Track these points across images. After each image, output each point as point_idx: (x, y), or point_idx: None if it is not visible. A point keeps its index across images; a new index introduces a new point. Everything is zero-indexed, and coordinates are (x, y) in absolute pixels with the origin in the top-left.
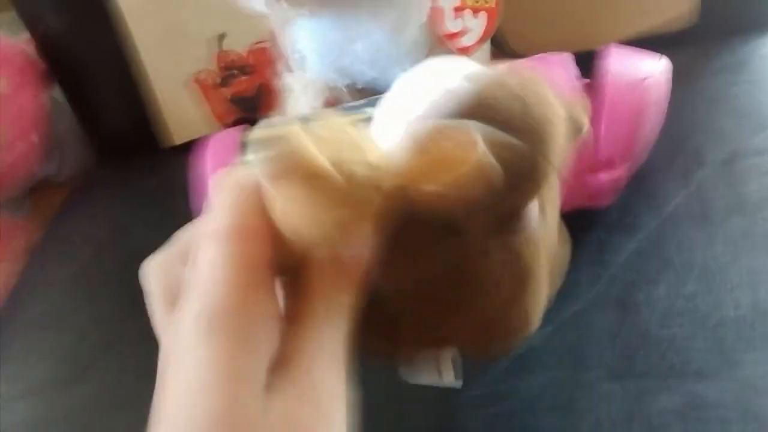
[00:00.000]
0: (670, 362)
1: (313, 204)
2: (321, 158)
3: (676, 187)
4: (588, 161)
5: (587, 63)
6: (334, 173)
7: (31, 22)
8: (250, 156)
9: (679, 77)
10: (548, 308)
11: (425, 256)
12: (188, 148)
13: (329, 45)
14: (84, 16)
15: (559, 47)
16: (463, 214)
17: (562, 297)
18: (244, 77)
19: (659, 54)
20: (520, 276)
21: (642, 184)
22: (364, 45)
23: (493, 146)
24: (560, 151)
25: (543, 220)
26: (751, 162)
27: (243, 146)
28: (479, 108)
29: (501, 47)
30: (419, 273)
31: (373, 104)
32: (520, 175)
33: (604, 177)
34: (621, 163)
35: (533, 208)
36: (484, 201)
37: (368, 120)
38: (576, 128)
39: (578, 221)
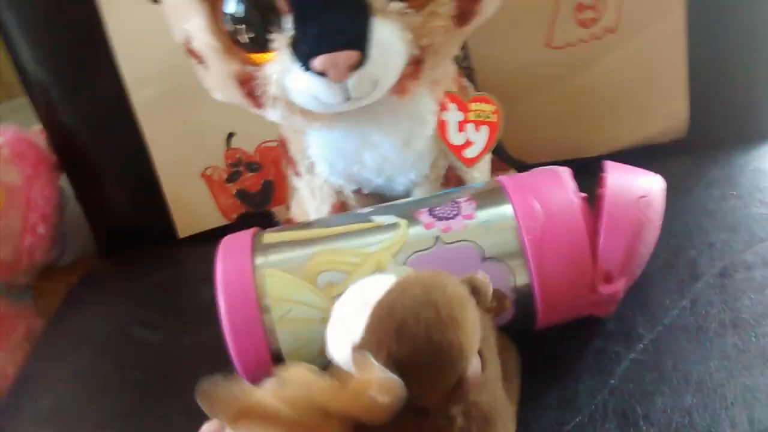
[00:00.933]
0: None
1: None
2: (273, 402)
3: (672, 300)
4: (587, 274)
5: (584, 172)
6: (287, 413)
7: (44, 112)
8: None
9: (671, 189)
10: (549, 420)
11: None
12: (192, 242)
13: (339, 154)
14: (98, 109)
15: (555, 154)
16: (415, 397)
17: (563, 407)
18: (250, 174)
19: (655, 172)
20: (485, 419)
21: (638, 295)
22: (372, 155)
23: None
24: (473, 328)
25: (490, 366)
26: (743, 276)
27: (254, 248)
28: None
29: (500, 154)
30: None
31: (378, 212)
32: (442, 365)
33: (603, 290)
34: (619, 277)
35: (474, 364)
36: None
37: (376, 228)
38: (484, 297)
39: (577, 330)
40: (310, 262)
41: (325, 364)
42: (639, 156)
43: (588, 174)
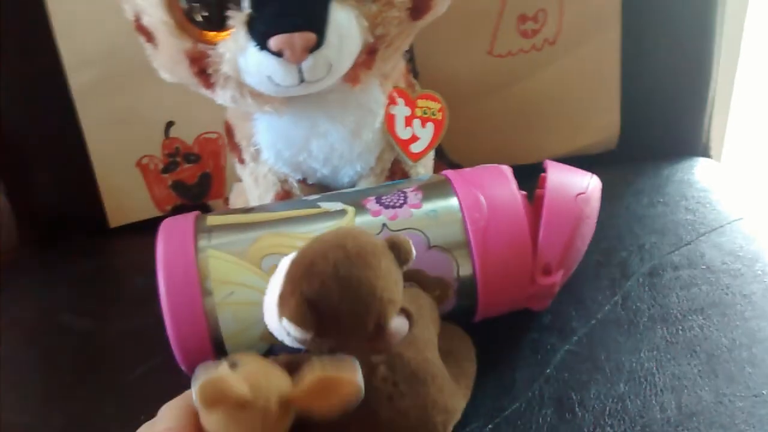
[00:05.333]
0: None
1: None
2: (243, 389)
3: (604, 296)
4: (527, 266)
5: (520, 178)
6: (254, 402)
7: None
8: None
9: (604, 196)
10: (488, 406)
11: None
12: (122, 232)
13: (286, 141)
14: (32, 90)
15: (493, 160)
16: (334, 345)
17: (501, 394)
18: (187, 165)
19: (591, 172)
20: (413, 373)
21: (573, 292)
22: (320, 144)
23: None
24: (390, 278)
25: (421, 328)
26: (671, 275)
27: (197, 230)
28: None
29: (441, 157)
30: None
31: (325, 199)
32: (353, 303)
33: (542, 281)
34: (557, 269)
35: (399, 322)
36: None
37: (323, 214)
38: (405, 253)
39: (514, 322)
40: (255, 245)
41: (265, 350)
42: (573, 165)
43: (524, 180)
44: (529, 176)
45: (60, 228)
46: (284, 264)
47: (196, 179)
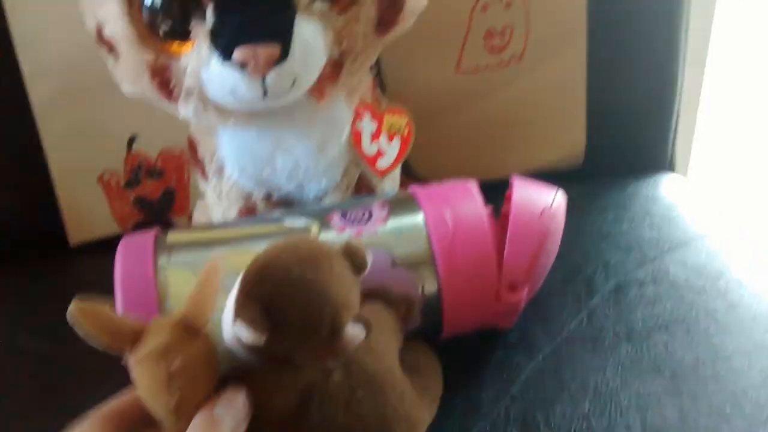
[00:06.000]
0: None
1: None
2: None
3: (569, 313)
4: (492, 283)
5: (486, 193)
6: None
7: None
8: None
9: (569, 212)
10: (454, 426)
11: (277, 394)
12: (82, 250)
13: (251, 156)
14: None
15: (459, 175)
16: (287, 350)
17: (467, 413)
18: (150, 181)
19: (556, 187)
20: (371, 380)
21: (538, 309)
22: (284, 159)
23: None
24: (344, 283)
25: (378, 336)
26: (636, 292)
27: (157, 247)
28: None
29: (408, 172)
30: (279, 409)
31: (289, 215)
32: (305, 308)
33: (507, 298)
34: (523, 285)
35: (355, 329)
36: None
37: (287, 231)
38: (359, 262)
39: (480, 342)
40: None
41: (225, 371)
42: (539, 180)
43: (490, 195)
44: (496, 191)
45: (18, 245)
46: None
47: (159, 195)
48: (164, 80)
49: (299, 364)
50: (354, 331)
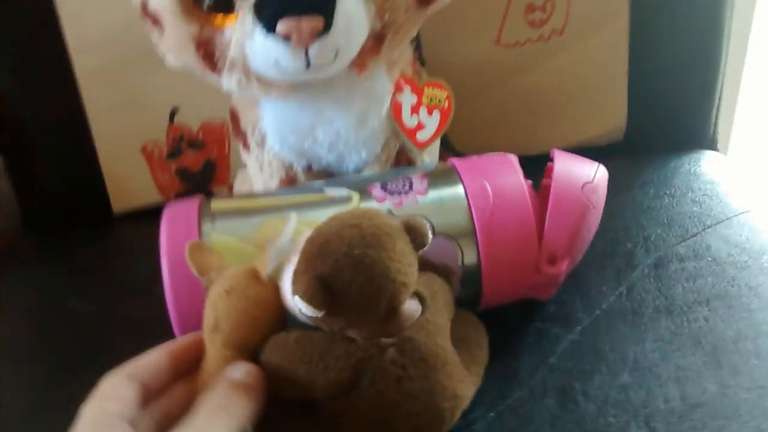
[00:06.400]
0: None
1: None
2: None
3: (609, 287)
4: (532, 255)
5: (525, 168)
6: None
7: None
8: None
9: (610, 187)
10: (491, 394)
11: (333, 363)
12: (126, 218)
13: (292, 128)
14: (36, 74)
15: (499, 150)
16: (344, 326)
17: (504, 383)
18: (191, 152)
19: (597, 162)
20: (423, 358)
21: (578, 282)
22: (325, 131)
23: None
24: (405, 261)
25: (433, 313)
26: (676, 267)
27: (201, 214)
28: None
29: (446, 146)
30: (332, 380)
31: (330, 185)
32: (365, 284)
33: (547, 270)
34: (562, 259)
35: (412, 306)
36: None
37: (328, 200)
38: (420, 239)
39: (519, 312)
40: (260, 231)
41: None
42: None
43: (530, 170)
44: (535, 167)
45: (63, 213)
46: (302, 241)
47: (200, 166)
48: (208, 52)
49: (355, 338)
50: (410, 309)
